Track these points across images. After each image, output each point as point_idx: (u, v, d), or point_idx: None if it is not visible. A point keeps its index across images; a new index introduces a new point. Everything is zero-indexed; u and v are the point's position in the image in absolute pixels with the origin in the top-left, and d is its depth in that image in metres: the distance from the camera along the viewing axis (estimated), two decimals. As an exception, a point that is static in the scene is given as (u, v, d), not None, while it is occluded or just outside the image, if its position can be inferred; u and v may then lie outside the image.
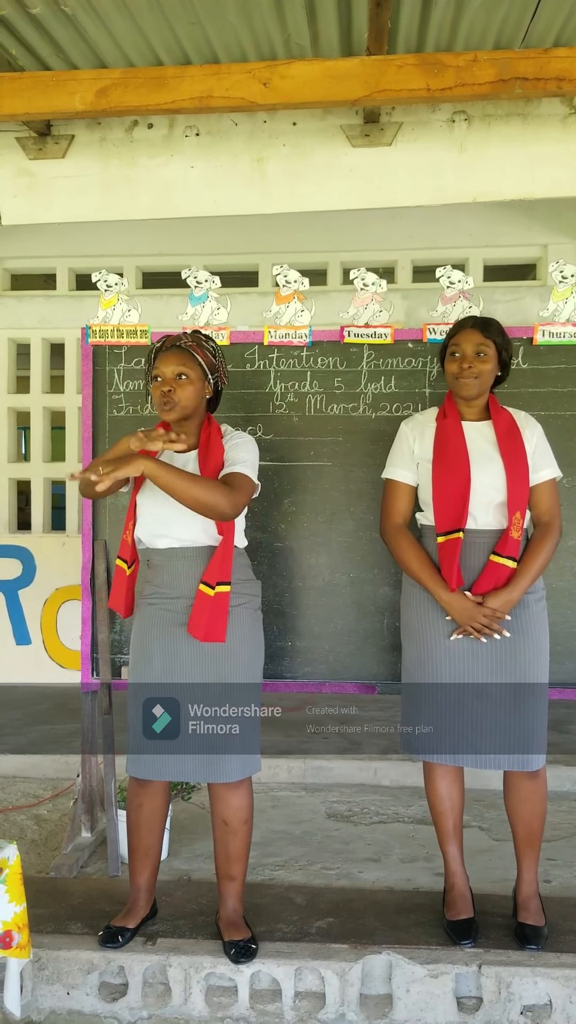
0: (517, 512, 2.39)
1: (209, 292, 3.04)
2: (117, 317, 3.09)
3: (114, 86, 3.00)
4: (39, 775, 3.95)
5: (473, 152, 3.30)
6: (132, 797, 2.47)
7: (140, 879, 2.48)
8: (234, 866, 2.44)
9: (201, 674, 2.35)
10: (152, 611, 2.41)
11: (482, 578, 2.40)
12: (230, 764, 2.36)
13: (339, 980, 2.32)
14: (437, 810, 2.55)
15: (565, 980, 2.29)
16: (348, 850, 3.15)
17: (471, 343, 2.43)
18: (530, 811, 2.50)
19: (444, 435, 2.47)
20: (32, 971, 2.35)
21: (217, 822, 2.44)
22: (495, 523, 2.42)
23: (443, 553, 2.42)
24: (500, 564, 2.39)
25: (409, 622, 2.55)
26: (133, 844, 2.48)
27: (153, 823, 2.47)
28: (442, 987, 2.30)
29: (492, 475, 2.41)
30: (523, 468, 2.42)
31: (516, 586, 2.39)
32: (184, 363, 2.34)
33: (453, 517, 2.40)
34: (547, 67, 2.79)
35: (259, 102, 2.92)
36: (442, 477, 2.43)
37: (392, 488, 2.56)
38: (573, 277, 2.95)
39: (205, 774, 2.37)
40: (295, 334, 3.03)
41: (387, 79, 2.87)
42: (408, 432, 2.56)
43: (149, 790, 2.45)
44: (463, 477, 2.40)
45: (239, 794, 2.41)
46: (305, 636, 3.03)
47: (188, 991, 2.33)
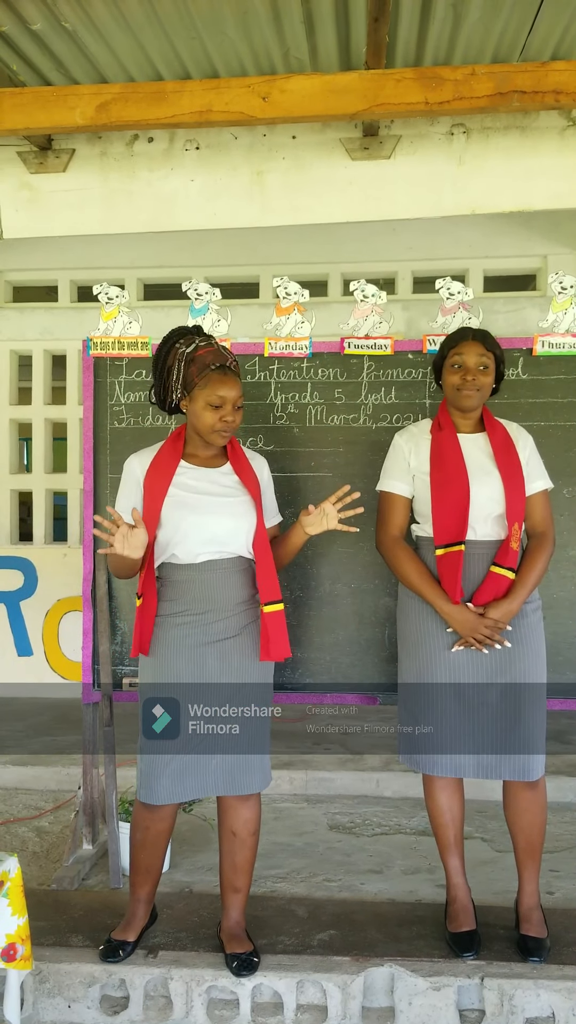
0: (516, 523, 2.40)
1: (210, 304, 3.05)
2: (118, 329, 3.10)
3: (114, 101, 3.02)
4: (40, 787, 3.94)
5: (472, 165, 3.32)
6: (139, 819, 2.43)
7: (141, 892, 2.47)
8: (240, 878, 2.43)
9: (222, 677, 2.35)
10: (179, 629, 2.35)
11: (483, 589, 2.41)
12: (251, 774, 2.35)
13: (341, 993, 2.31)
14: (437, 823, 2.54)
15: (568, 992, 2.27)
16: (350, 862, 3.14)
17: (473, 355, 2.43)
18: (529, 822, 2.49)
19: (440, 448, 2.47)
20: (33, 984, 2.34)
21: (225, 833, 2.43)
22: (494, 534, 2.43)
23: (444, 566, 2.42)
24: (500, 575, 2.40)
25: (407, 634, 2.55)
26: (136, 862, 2.46)
27: (158, 844, 2.44)
28: (444, 1000, 2.29)
29: (490, 487, 2.42)
30: (519, 479, 2.43)
31: (516, 596, 2.40)
32: (240, 388, 2.33)
33: (453, 530, 2.41)
34: (544, 80, 2.81)
35: (258, 116, 2.94)
36: (441, 490, 2.43)
37: (388, 500, 2.56)
38: (573, 288, 2.96)
39: (226, 787, 2.36)
40: (296, 345, 3.05)
41: (385, 93, 2.89)
42: (403, 444, 2.55)
43: (159, 814, 2.40)
44: (462, 490, 2.40)
45: (249, 805, 2.41)
46: (306, 647, 3.03)
47: (190, 1004, 2.32)
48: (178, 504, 2.33)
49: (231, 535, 2.33)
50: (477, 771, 2.44)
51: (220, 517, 2.33)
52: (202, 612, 2.34)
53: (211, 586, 2.34)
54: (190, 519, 2.32)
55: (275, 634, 2.31)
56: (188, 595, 2.35)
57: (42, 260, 5.85)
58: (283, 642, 2.32)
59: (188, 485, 2.36)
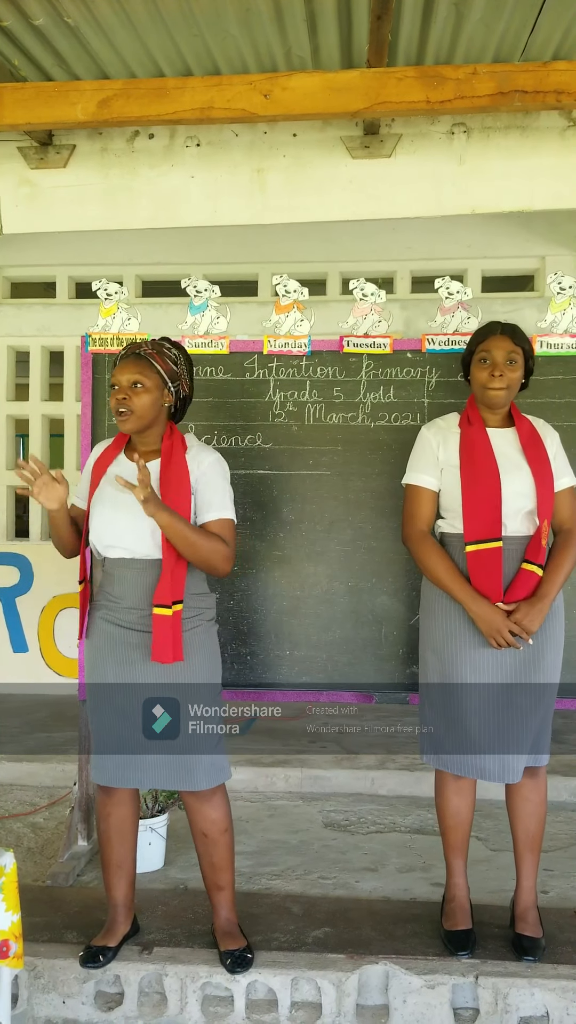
0: (545, 519, 2.37)
1: (209, 301, 3.05)
2: (117, 326, 3.10)
3: (115, 97, 3.01)
4: (36, 783, 3.94)
5: (472, 164, 3.31)
6: (100, 807, 2.44)
7: (117, 893, 2.45)
8: (221, 876, 2.42)
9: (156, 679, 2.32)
10: (104, 621, 2.37)
11: (515, 586, 2.36)
12: (197, 771, 2.32)
13: (336, 990, 2.31)
14: (447, 824, 2.53)
15: (562, 991, 2.28)
16: (345, 860, 3.15)
17: (502, 350, 2.40)
18: (529, 812, 2.49)
19: (470, 442, 2.43)
20: (28, 980, 2.34)
21: (197, 835, 2.41)
22: (524, 530, 2.39)
23: (476, 563, 2.37)
24: (532, 572, 2.36)
25: (432, 632, 2.48)
26: (105, 856, 2.45)
27: (123, 833, 2.43)
28: (439, 998, 2.30)
29: (521, 482, 2.38)
30: (548, 475, 2.40)
31: (544, 596, 2.35)
32: (141, 371, 2.30)
33: (486, 525, 2.36)
34: (546, 80, 2.81)
35: (260, 113, 2.93)
36: (472, 485, 2.39)
37: (415, 494, 2.50)
38: (571, 288, 2.96)
39: (173, 781, 2.34)
40: (295, 343, 3.05)
41: (387, 91, 2.89)
42: (431, 437, 2.51)
43: (115, 798, 2.41)
44: (494, 485, 2.37)
45: (213, 804, 2.38)
46: (303, 645, 3.03)
47: (184, 1000, 2.33)
48: (97, 496, 2.36)
49: (135, 534, 2.29)
50: (502, 775, 2.40)
51: (124, 513, 2.29)
52: (123, 608, 2.33)
53: (126, 583, 2.33)
54: (99, 512, 2.34)
55: (157, 636, 2.24)
56: (110, 589, 2.37)
57: (40, 256, 5.84)
58: (163, 646, 2.24)
59: (110, 479, 2.36)
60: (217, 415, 3.06)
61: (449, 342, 3.02)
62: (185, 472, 2.32)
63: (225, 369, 3.06)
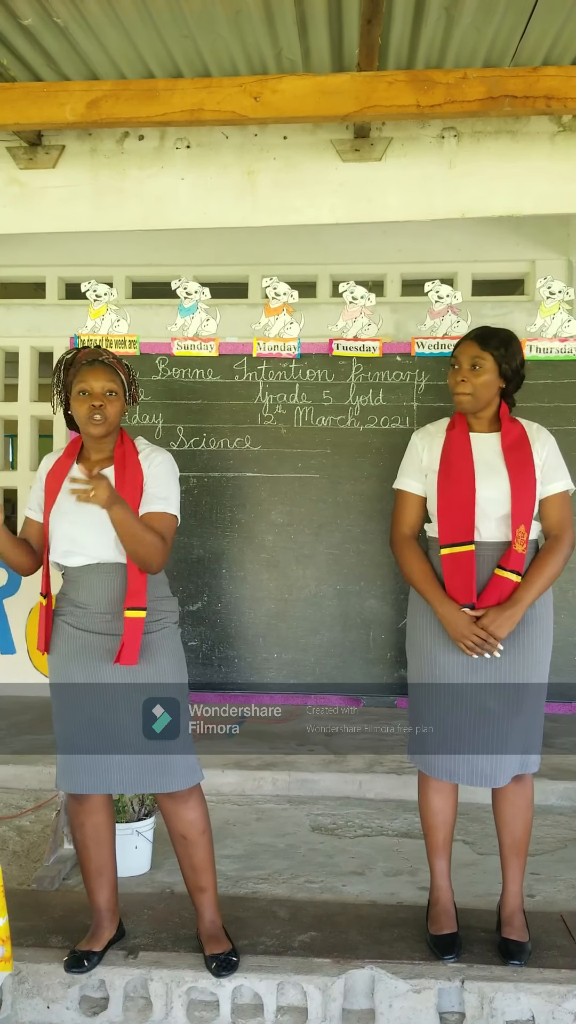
0: (522, 525, 2.37)
1: (199, 303, 3.05)
2: (106, 327, 3.10)
3: (105, 98, 3.01)
4: (22, 786, 3.91)
5: (462, 168, 3.32)
6: (73, 816, 2.43)
7: (99, 899, 2.44)
8: (202, 877, 2.41)
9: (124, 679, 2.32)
10: (69, 627, 2.37)
11: (487, 592, 2.37)
12: (172, 772, 2.32)
13: (321, 995, 2.31)
14: (428, 824, 2.54)
15: (548, 996, 2.28)
16: (332, 863, 3.14)
17: (467, 355, 2.42)
18: (514, 815, 2.49)
19: (450, 446, 2.45)
20: (12, 984, 2.33)
21: (176, 839, 2.41)
22: (500, 535, 2.39)
23: (449, 566, 2.39)
24: (504, 578, 2.36)
25: (413, 633, 2.53)
26: (84, 865, 2.44)
27: (100, 840, 2.42)
28: (425, 1002, 2.29)
29: (496, 488, 2.38)
30: (528, 481, 2.39)
31: (519, 602, 2.35)
32: (112, 379, 2.33)
33: (459, 529, 2.38)
34: (536, 85, 2.82)
35: (250, 116, 2.94)
36: (446, 488, 2.42)
37: (401, 499, 2.55)
38: (560, 293, 2.98)
39: (147, 784, 2.34)
40: (284, 346, 3.05)
41: (377, 95, 2.89)
42: (418, 442, 2.54)
43: (87, 807, 2.40)
44: (468, 489, 2.38)
45: (190, 806, 2.37)
46: (291, 648, 3.03)
47: (169, 1005, 2.31)
48: (56, 509, 2.37)
49: (94, 541, 2.30)
50: (471, 778, 2.41)
51: (86, 521, 2.29)
52: (90, 613, 2.34)
53: (91, 588, 2.34)
54: (58, 523, 2.35)
55: (128, 640, 2.27)
56: (74, 595, 2.37)
57: (30, 256, 5.83)
58: (133, 650, 2.27)
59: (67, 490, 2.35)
60: (206, 417, 3.05)
61: (438, 346, 3.03)
62: (139, 474, 2.35)
63: (214, 371, 3.06)
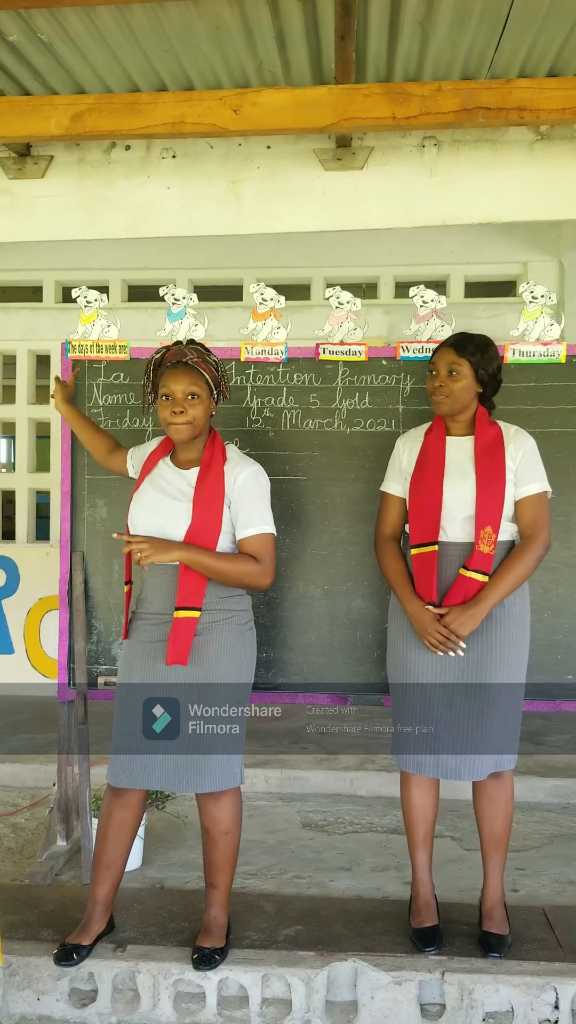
0: (488, 527, 2.42)
1: (187, 309, 3.10)
2: (96, 333, 3.16)
3: (89, 111, 3.06)
4: (18, 784, 3.98)
5: (442, 176, 3.36)
6: (105, 804, 2.47)
7: (99, 892, 2.46)
8: (216, 875, 2.47)
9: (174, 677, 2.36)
10: (137, 626, 2.45)
11: (452, 592, 2.44)
12: (206, 773, 2.36)
13: (305, 987, 2.36)
14: (410, 818, 2.60)
15: (526, 988, 2.33)
16: (320, 859, 3.20)
17: (444, 362, 2.49)
18: (492, 812, 2.54)
19: (426, 450, 2.54)
20: (3, 977, 2.39)
21: (202, 830, 2.48)
22: (466, 536, 2.45)
23: (417, 565, 2.49)
24: (469, 578, 2.42)
25: (391, 632, 2.63)
26: (98, 854, 2.47)
27: (121, 835, 2.45)
28: (406, 994, 2.35)
29: (463, 489, 2.45)
30: (497, 483, 2.44)
31: (484, 600, 2.40)
32: (194, 382, 2.33)
33: (426, 530, 2.47)
34: (509, 97, 2.85)
35: (230, 128, 2.98)
36: (416, 490, 2.51)
37: (383, 500, 2.66)
38: (543, 298, 3.01)
39: (181, 782, 2.38)
40: (271, 351, 3.10)
41: (354, 107, 2.93)
42: (400, 446, 2.65)
43: (123, 800, 2.43)
44: (435, 490, 2.46)
45: (220, 805, 2.43)
46: (279, 647, 3.08)
47: (156, 997, 2.37)
48: (137, 497, 2.42)
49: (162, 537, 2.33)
50: (437, 770, 2.48)
51: (155, 517, 2.35)
52: (153, 612, 2.40)
53: (156, 588, 2.40)
54: (134, 515, 2.40)
55: (177, 639, 2.31)
56: (145, 593, 2.44)
57: (27, 261, 5.88)
58: (182, 649, 2.30)
59: (152, 482, 2.43)
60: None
61: (423, 350, 3.07)
62: (221, 485, 2.35)
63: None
